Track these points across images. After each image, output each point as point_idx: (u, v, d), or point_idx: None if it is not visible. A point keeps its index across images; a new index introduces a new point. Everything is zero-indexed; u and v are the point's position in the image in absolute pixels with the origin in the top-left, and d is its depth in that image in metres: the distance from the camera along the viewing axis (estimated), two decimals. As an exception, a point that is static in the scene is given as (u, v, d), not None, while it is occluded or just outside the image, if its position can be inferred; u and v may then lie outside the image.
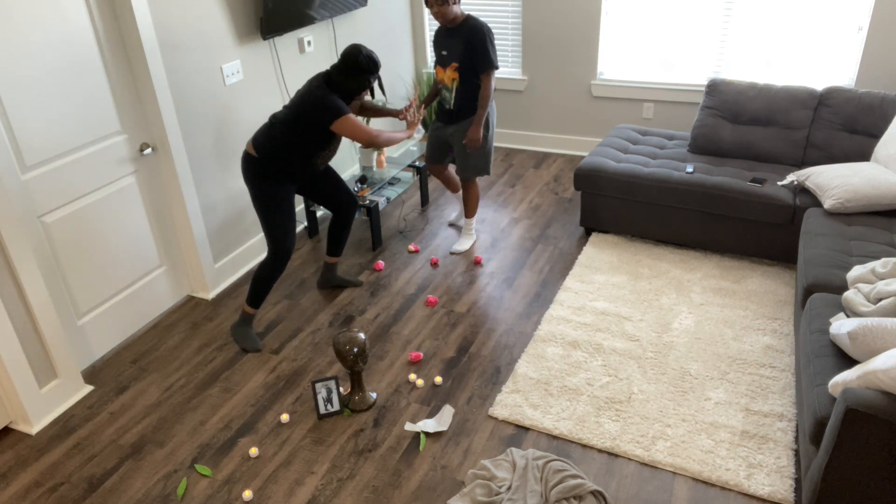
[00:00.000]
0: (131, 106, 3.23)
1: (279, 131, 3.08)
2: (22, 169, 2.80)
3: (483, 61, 3.54)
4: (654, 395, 2.91)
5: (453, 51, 3.57)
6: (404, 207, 4.75)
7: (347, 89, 3.09)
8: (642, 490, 2.49)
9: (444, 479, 2.58)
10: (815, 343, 2.51)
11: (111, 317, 3.35)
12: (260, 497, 2.54)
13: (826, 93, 3.88)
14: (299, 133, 3.06)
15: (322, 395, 2.90)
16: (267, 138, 3.10)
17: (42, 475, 2.67)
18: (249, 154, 3.15)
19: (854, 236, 3.18)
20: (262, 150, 3.10)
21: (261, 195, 3.15)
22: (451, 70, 3.61)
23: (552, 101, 5.36)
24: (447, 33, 3.60)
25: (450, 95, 3.69)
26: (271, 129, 3.11)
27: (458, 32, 3.55)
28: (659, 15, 4.77)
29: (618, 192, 3.93)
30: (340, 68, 3.05)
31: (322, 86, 3.05)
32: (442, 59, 3.65)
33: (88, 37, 2.96)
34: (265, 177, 3.12)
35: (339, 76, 3.06)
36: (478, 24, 3.52)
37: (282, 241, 3.22)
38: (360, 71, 3.05)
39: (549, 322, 3.39)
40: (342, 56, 3.06)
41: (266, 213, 3.18)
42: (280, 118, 3.10)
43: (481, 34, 3.50)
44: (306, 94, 3.06)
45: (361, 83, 3.08)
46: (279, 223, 3.19)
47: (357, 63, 3.03)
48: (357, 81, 3.07)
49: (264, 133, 3.13)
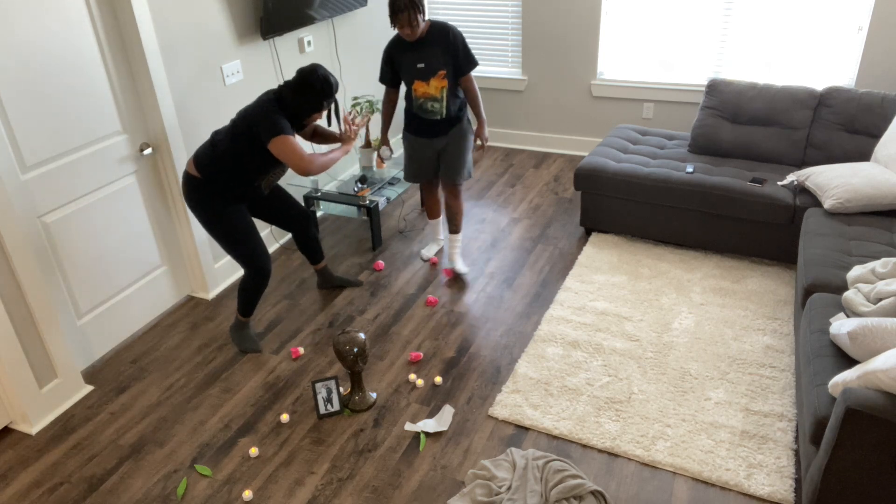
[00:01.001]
0: (131, 106, 3.23)
1: (222, 148, 2.90)
2: (22, 169, 2.80)
3: (469, 61, 3.42)
4: (654, 395, 2.91)
5: (433, 60, 3.36)
6: (404, 207, 4.75)
7: (298, 111, 2.88)
8: (642, 490, 2.49)
9: (444, 479, 2.58)
10: (815, 343, 2.51)
11: (111, 317, 3.35)
12: (260, 497, 2.54)
13: (826, 93, 3.88)
14: (241, 150, 2.87)
15: (322, 395, 2.90)
16: (209, 157, 2.91)
17: (42, 475, 2.67)
18: (190, 174, 2.94)
19: (854, 236, 3.18)
20: (204, 169, 2.91)
21: (211, 219, 2.97)
22: (439, 79, 3.39)
23: (552, 101, 5.36)
24: (415, 46, 3.36)
25: (440, 105, 3.46)
26: (213, 146, 2.93)
27: (431, 40, 3.35)
28: (659, 15, 4.77)
29: (618, 192, 3.93)
30: (293, 87, 2.84)
31: (270, 102, 2.85)
32: (420, 73, 3.40)
33: (88, 37, 2.96)
34: (211, 197, 2.94)
35: (291, 95, 2.85)
36: (449, 27, 3.36)
37: (253, 260, 3.07)
38: (313, 92, 2.83)
39: (549, 322, 3.39)
40: (297, 74, 2.86)
41: (225, 237, 3.00)
42: (222, 134, 2.93)
43: (458, 35, 3.37)
44: (252, 108, 2.87)
45: (313, 106, 2.87)
46: (243, 242, 3.02)
47: (310, 84, 2.82)
48: (309, 104, 2.85)
49: (206, 151, 2.93)
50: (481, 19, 5.32)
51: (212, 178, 2.93)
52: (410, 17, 3.19)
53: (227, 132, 2.92)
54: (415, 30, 3.26)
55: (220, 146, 2.92)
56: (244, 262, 3.09)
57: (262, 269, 3.12)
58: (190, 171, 2.97)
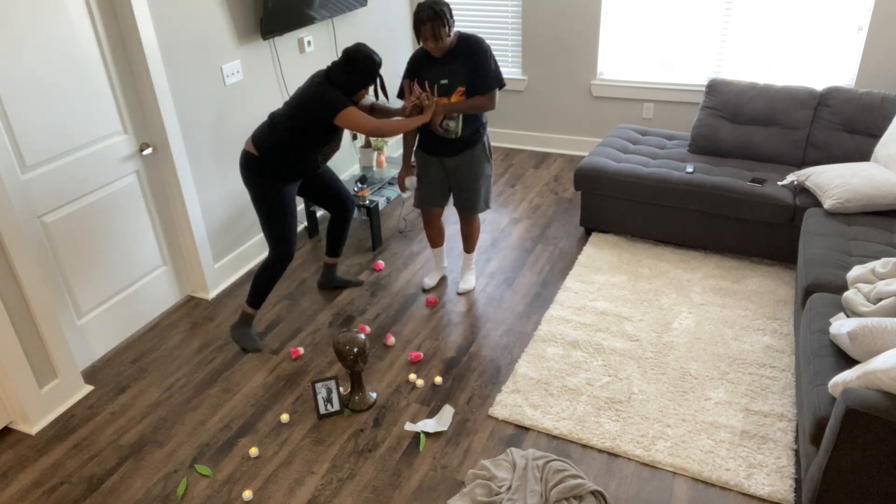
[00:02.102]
0: (131, 106, 3.23)
1: (281, 128, 3.05)
2: (22, 169, 2.80)
3: (487, 81, 3.14)
4: (654, 395, 2.91)
5: (456, 76, 3.15)
6: (404, 207, 4.75)
7: (347, 87, 3.06)
8: (642, 490, 2.49)
9: (444, 479, 2.58)
10: (815, 343, 2.51)
11: (111, 317, 3.35)
12: (260, 497, 2.54)
13: (826, 93, 3.88)
14: (301, 129, 3.03)
15: (322, 395, 2.90)
16: (268, 136, 3.07)
17: (42, 475, 2.67)
18: (249, 153, 3.11)
19: (854, 236, 3.18)
20: (263, 148, 3.07)
21: (263, 195, 3.12)
22: (458, 96, 3.18)
23: (552, 101, 5.36)
24: (441, 60, 3.15)
25: (455, 125, 3.23)
26: (272, 126, 3.08)
27: (456, 55, 3.14)
28: (659, 15, 4.77)
29: (618, 192, 3.93)
30: (340, 66, 3.03)
31: (323, 82, 3.02)
32: (443, 89, 3.17)
33: (89, 37, 2.96)
34: (267, 176, 3.09)
35: (339, 75, 3.03)
36: (478, 42, 3.14)
37: (284, 242, 3.19)
38: (358, 70, 3.01)
39: (549, 322, 3.39)
40: (342, 54, 3.04)
41: (269, 214, 3.15)
42: (281, 115, 3.08)
43: (482, 52, 3.12)
44: (307, 89, 3.04)
45: (360, 82, 3.05)
46: (282, 224, 3.16)
47: (355, 62, 3.00)
48: (356, 80, 3.04)
49: (265, 131, 3.09)
50: (481, 19, 5.32)
51: (271, 155, 3.06)
52: (435, 30, 2.99)
53: (285, 116, 3.04)
54: (440, 43, 3.04)
55: (280, 128, 3.04)
56: (276, 241, 3.19)
57: (289, 253, 3.23)
58: (248, 150, 3.11)
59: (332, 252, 3.68)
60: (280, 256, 3.21)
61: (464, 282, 3.74)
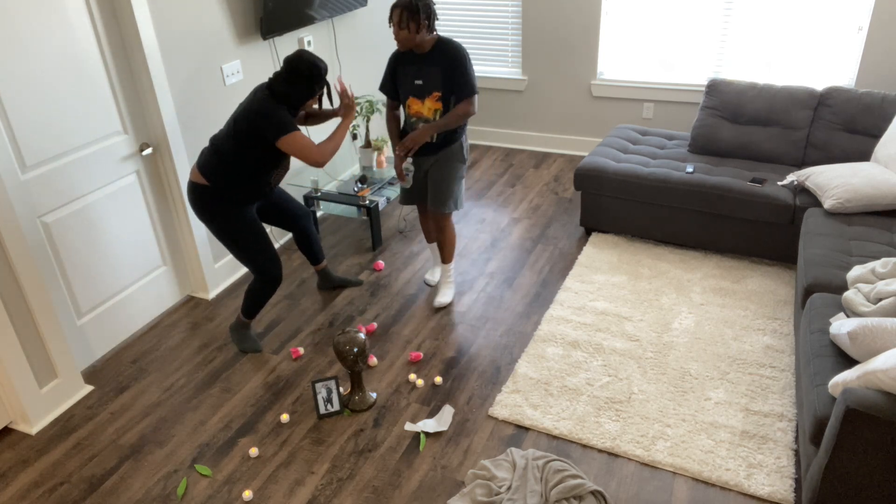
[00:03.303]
0: (131, 106, 3.23)
1: (226, 150, 2.86)
2: (22, 169, 2.80)
3: (466, 87, 3.14)
4: (654, 395, 2.91)
5: (431, 79, 3.15)
6: (404, 207, 4.75)
7: (292, 99, 2.84)
8: (642, 490, 2.49)
9: (444, 479, 2.58)
10: (815, 343, 2.51)
11: (111, 317, 3.35)
12: (260, 497, 2.54)
13: (826, 93, 3.88)
14: (247, 148, 2.83)
15: (322, 395, 2.90)
16: (214, 160, 2.88)
17: (42, 475, 2.67)
18: (197, 183, 2.89)
19: (854, 236, 3.18)
20: (211, 175, 2.87)
21: (224, 225, 2.94)
22: (433, 101, 3.18)
23: (552, 101, 5.36)
24: (418, 60, 3.16)
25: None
26: (216, 149, 2.89)
27: (433, 58, 3.12)
28: (659, 15, 4.77)
29: (618, 192, 3.93)
30: (283, 77, 2.81)
31: (267, 97, 2.80)
32: (416, 90, 3.19)
33: (88, 37, 2.96)
34: (222, 204, 2.91)
35: (282, 86, 2.81)
36: (455, 47, 3.12)
37: (266, 267, 3.05)
38: (303, 79, 2.80)
39: (549, 322, 3.39)
40: (284, 63, 2.82)
41: (238, 244, 2.98)
42: (224, 136, 2.88)
43: (461, 58, 3.11)
44: (250, 105, 2.81)
45: (306, 92, 2.84)
46: (255, 250, 3.00)
47: (298, 70, 2.79)
48: (301, 90, 2.82)
49: (209, 155, 2.89)
50: (481, 19, 5.32)
51: (220, 182, 2.89)
52: (403, 18, 2.99)
53: (227, 135, 2.88)
54: (405, 34, 3.03)
55: (224, 149, 2.88)
56: (256, 269, 3.06)
57: (274, 276, 3.10)
58: (196, 180, 2.92)
59: (313, 261, 3.62)
60: (267, 281, 3.10)
61: (440, 295, 3.61)
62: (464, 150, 3.35)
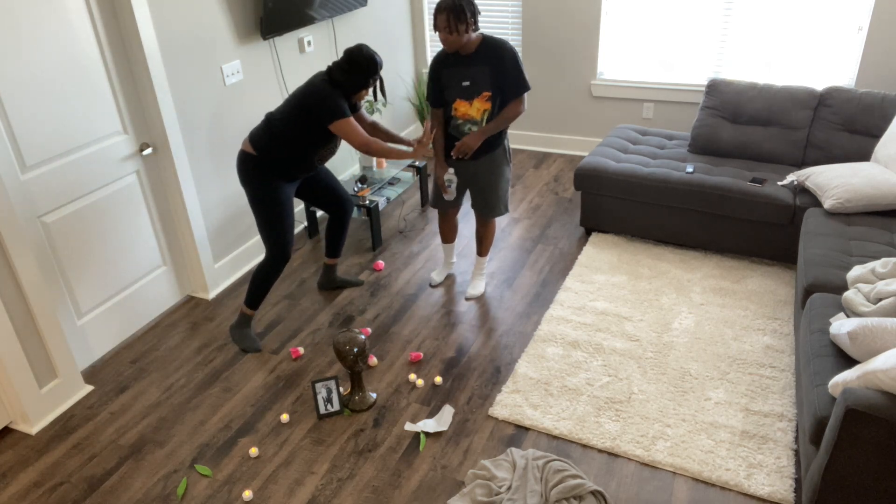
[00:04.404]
0: (131, 106, 3.23)
1: (279, 127, 3.04)
2: (22, 169, 2.80)
3: (518, 85, 3.13)
4: (654, 395, 2.91)
5: (480, 79, 3.12)
6: (404, 207, 4.75)
7: (347, 87, 3.05)
8: (642, 490, 2.49)
9: (444, 479, 2.58)
10: (815, 343, 2.51)
11: (111, 317, 3.35)
12: (260, 497, 2.54)
13: (826, 93, 3.88)
14: (299, 128, 3.02)
15: (322, 395, 2.90)
16: (265, 135, 3.06)
17: (42, 475, 2.67)
18: (247, 152, 3.09)
19: (854, 236, 3.18)
20: (260, 147, 3.05)
21: (261, 195, 3.10)
22: (482, 101, 3.15)
23: (552, 101, 5.36)
24: (464, 61, 3.13)
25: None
26: (269, 125, 3.07)
27: (480, 58, 3.11)
28: (659, 15, 4.77)
29: (618, 192, 3.93)
30: (342, 65, 3.03)
31: (325, 82, 3.02)
32: (464, 92, 3.16)
33: (89, 37, 2.96)
34: (265, 175, 3.08)
35: (340, 74, 3.03)
36: (503, 45, 3.10)
37: (281, 243, 3.18)
38: (359, 70, 3.01)
39: (549, 322, 3.39)
40: (344, 53, 3.04)
41: (266, 214, 3.13)
42: (278, 113, 3.07)
43: (512, 55, 3.09)
44: (308, 88, 3.02)
45: (361, 82, 3.05)
46: (279, 225, 3.15)
47: (357, 62, 3.00)
48: (356, 80, 3.04)
49: (262, 130, 3.08)
50: (481, 19, 5.32)
51: (268, 154, 3.05)
52: (450, 22, 2.96)
53: (282, 113, 3.04)
54: (452, 37, 3.01)
55: (277, 127, 3.04)
56: (272, 242, 3.17)
57: (285, 254, 3.22)
58: (245, 149, 3.09)
59: (331, 253, 3.68)
60: (277, 257, 3.20)
61: (472, 287, 3.70)
62: (507, 153, 3.37)
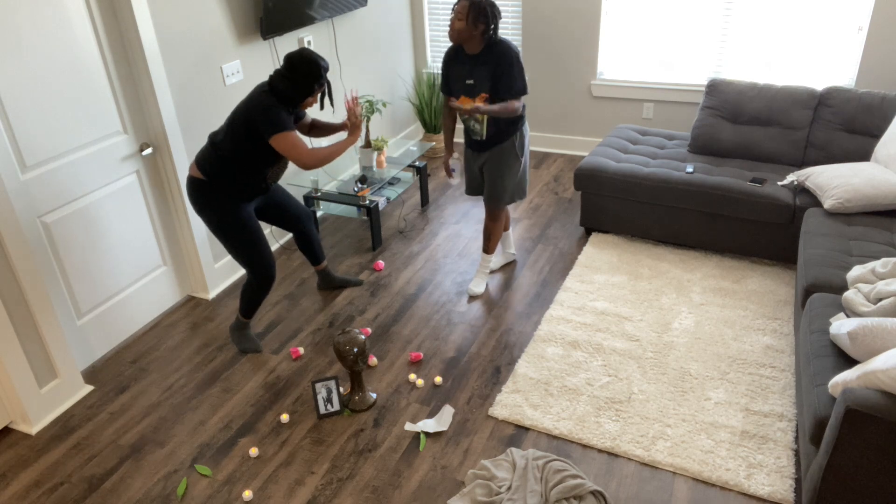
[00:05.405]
0: (131, 106, 3.23)
1: (225, 148, 2.87)
2: (22, 169, 2.80)
3: (511, 89, 3.18)
4: (654, 395, 2.91)
5: (481, 79, 3.20)
6: (404, 207, 4.75)
7: (291, 97, 2.86)
8: (642, 490, 2.49)
9: (444, 479, 2.58)
10: (815, 343, 2.51)
11: (111, 317, 3.35)
12: (260, 497, 2.54)
13: (826, 93, 3.88)
14: (247, 146, 2.85)
15: (322, 395, 2.90)
16: (212, 157, 2.90)
17: (42, 475, 2.67)
18: (195, 178, 2.92)
19: (854, 236, 3.18)
20: (209, 171, 2.90)
21: (219, 220, 2.95)
22: (481, 101, 3.23)
23: (552, 101, 5.36)
24: (470, 60, 3.21)
25: (480, 127, 3.34)
26: (214, 147, 2.91)
27: (483, 58, 3.18)
28: (659, 15, 4.77)
29: (618, 192, 3.93)
30: (283, 74, 2.82)
31: (266, 95, 2.82)
32: (468, 89, 3.25)
33: (89, 37, 2.96)
34: (218, 199, 2.93)
35: (282, 83, 2.82)
36: (504, 48, 3.15)
37: (262, 265, 3.07)
38: (303, 77, 2.82)
39: (549, 322, 3.39)
40: (284, 60, 2.84)
41: (234, 240, 2.98)
42: (223, 134, 2.90)
43: (508, 59, 3.14)
44: (249, 102, 2.84)
45: (306, 90, 2.85)
46: (251, 246, 3.01)
47: (298, 68, 2.80)
48: (301, 88, 2.84)
49: (208, 152, 2.92)
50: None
51: (217, 178, 2.91)
52: (463, 9, 3.05)
53: (225, 131, 2.90)
54: (460, 25, 3.08)
55: (222, 146, 2.90)
56: (250, 266, 3.07)
57: (267, 275, 3.11)
58: (194, 175, 2.95)
59: (313, 262, 3.63)
60: (261, 281, 3.11)
61: (474, 284, 3.70)
62: (516, 146, 3.40)
